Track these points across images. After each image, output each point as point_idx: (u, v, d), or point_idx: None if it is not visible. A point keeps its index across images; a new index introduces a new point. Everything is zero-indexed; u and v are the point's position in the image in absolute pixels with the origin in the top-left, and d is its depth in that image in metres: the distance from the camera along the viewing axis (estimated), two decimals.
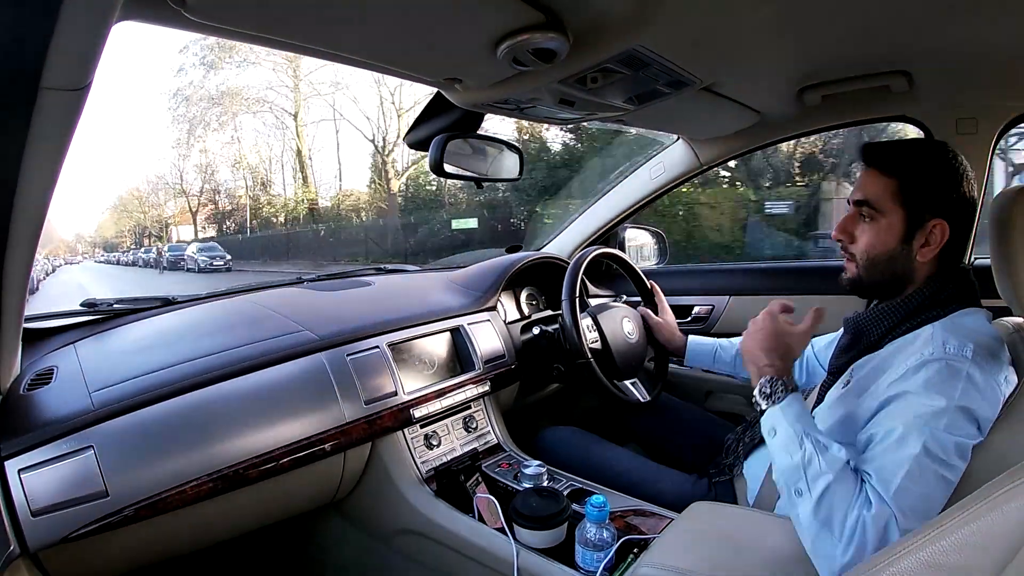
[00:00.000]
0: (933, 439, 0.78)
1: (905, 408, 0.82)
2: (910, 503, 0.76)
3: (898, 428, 0.80)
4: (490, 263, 1.75)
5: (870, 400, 0.88)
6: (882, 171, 0.93)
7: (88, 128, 29.16)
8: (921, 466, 0.77)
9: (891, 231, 0.92)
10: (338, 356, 1.20)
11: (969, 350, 0.82)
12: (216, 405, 1.03)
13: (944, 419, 0.78)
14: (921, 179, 0.91)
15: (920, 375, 0.82)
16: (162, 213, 30.20)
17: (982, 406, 0.80)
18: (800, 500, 0.82)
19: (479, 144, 1.35)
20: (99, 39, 0.53)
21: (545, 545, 1.02)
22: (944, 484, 0.78)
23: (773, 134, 1.68)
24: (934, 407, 0.79)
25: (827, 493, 0.79)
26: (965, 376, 0.80)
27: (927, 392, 0.81)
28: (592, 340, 1.46)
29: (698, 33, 0.93)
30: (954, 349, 0.83)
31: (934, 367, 0.82)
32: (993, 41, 1.03)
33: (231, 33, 0.73)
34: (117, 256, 33.00)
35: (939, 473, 0.77)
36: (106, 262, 33.22)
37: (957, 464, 0.78)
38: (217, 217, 26.96)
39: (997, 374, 0.82)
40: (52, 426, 0.89)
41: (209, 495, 0.97)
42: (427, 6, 0.73)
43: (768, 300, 1.59)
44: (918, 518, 0.76)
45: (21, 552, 0.82)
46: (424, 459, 1.28)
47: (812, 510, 0.80)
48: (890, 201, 0.92)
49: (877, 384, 0.88)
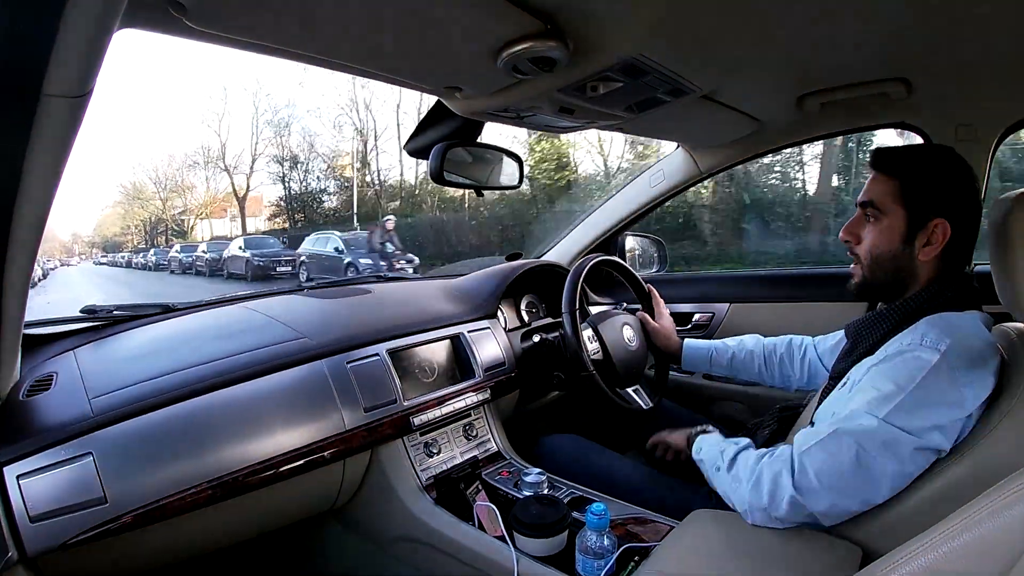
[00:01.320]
0: (865, 423, 0.83)
1: (860, 391, 0.87)
2: (813, 465, 0.85)
3: (846, 410, 0.87)
4: (490, 271, 1.75)
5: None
6: (886, 173, 0.97)
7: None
8: (839, 440, 0.84)
9: (893, 230, 0.95)
10: (338, 363, 1.20)
11: (944, 344, 0.83)
12: (216, 412, 1.03)
13: (888, 406, 0.82)
14: (922, 180, 0.94)
15: (889, 362, 0.87)
16: (186, 201, 24.46)
17: (939, 402, 0.81)
18: (720, 472, 0.99)
19: (479, 152, 1.35)
20: (100, 47, 0.54)
21: (545, 553, 1.02)
22: (866, 469, 0.82)
23: (773, 141, 1.69)
24: (883, 393, 0.83)
25: (735, 458, 0.98)
26: (929, 369, 0.82)
27: (883, 378, 0.85)
28: (594, 351, 1.46)
29: (697, 42, 0.93)
30: (929, 341, 0.85)
31: (905, 356, 0.85)
32: (991, 48, 1.03)
33: (232, 41, 0.73)
34: (127, 257, 27.22)
35: (859, 454, 0.82)
36: (109, 264, 28.41)
37: (886, 457, 0.81)
38: (292, 204, 20.97)
39: (967, 376, 0.82)
40: (51, 432, 0.89)
41: (208, 502, 0.97)
42: (428, 15, 0.74)
43: (768, 307, 1.59)
44: (820, 483, 0.84)
45: (19, 558, 0.82)
46: (424, 467, 1.28)
47: (725, 473, 0.98)
48: (892, 201, 0.95)
49: (862, 372, 0.92)
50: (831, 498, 0.84)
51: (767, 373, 1.42)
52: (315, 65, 0.87)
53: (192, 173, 23.94)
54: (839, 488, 0.83)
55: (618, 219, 1.97)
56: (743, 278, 1.95)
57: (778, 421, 1.20)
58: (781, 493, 0.86)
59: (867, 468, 0.82)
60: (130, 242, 30.32)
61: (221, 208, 23.88)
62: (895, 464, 0.81)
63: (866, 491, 0.84)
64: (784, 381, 1.40)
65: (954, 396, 0.81)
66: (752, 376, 1.45)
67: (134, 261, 25.08)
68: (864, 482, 0.83)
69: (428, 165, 1.24)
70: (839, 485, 0.83)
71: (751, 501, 0.90)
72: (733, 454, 0.99)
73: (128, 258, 26.85)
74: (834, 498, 0.84)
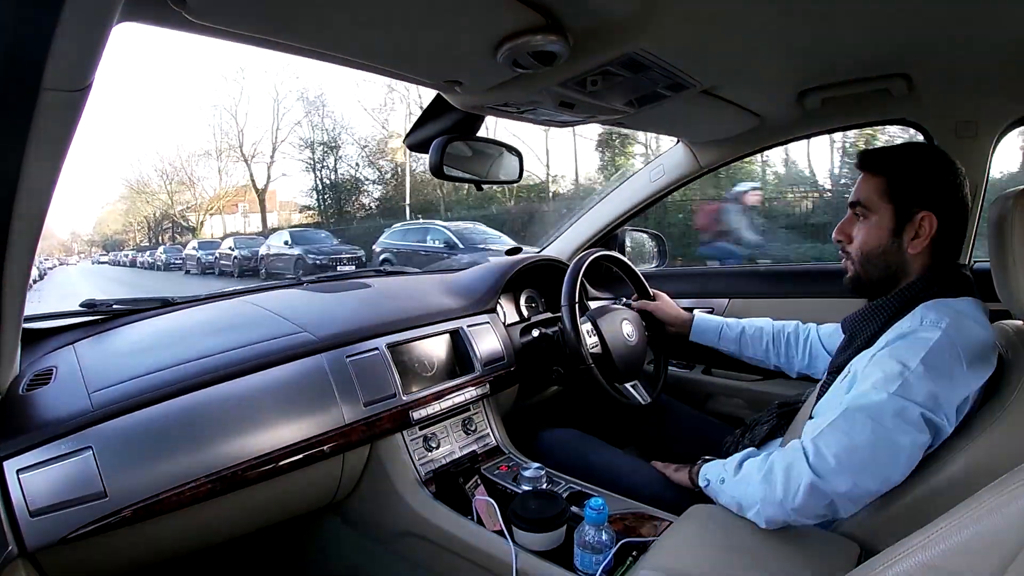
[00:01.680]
0: (875, 399, 0.83)
1: (866, 376, 0.88)
2: (830, 448, 0.84)
3: (853, 395, 0.87)
4: (489, 265, 1.75)
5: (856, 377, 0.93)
6: (872, 172, 1.00)
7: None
8: (853, 418, 0.84)
9: (882, 226, 0.98)
10: (337, 358, 1.20)
11: (945, 322, 0.86)
12: (216, 406, 1.03)
13: (896, 383, 0.83)
14: (907, 175, 0.97)
15: (892, 345, 0.88)
16: (195, 194, 22.50)
17: (943, 376, 0.82)
18: (725, 484, 0.97)
19: (479, 146, 1.35)
20: (100, 40, 0.54)
21: (544, 548, 1.02)
22: (886, 443, 0.82)
23: (773, 137, 1.68)
24: (889, 372, 0.84)
25: (740, 464, 0.97)
26: (932, 345, 0.83)
27: (888, 359, 0.86)
28: (592, 345, 1.46)
29: (698, 36, 0.93)
30: (929, 322, 0.87)
31: (907, 338, 0.87)
32: (992, 45, 1.03)
33: (232, 35, 0.73)
34: (130, 255, 25.77)
35: (876, 429, 0.82)
36: (111, 263, 27.45)
37: (903, 427, 0.81)
38: (325, 195, 19.07)
39: (968, 354, 0.84)
40: (51, 426, 0.89)
41: (208, 496, 0.97)
42: (427, 9, 0.73)
43: (767, 303, 1.60)
44: (839, 463, 0.83)
45: (19, 552, 0.82)
46: (423, 461, 1.28)
47: (731, 480, 0.96)
48: (879, 199, 0.98)
49: (865, 362, 0.93)
50: (852, 478, 0.82)
51: (773, 351, 1.44)
52: (314, 59, 0.86)
53: (203, 164, 21.83)
54: (859, 466, 0.82)
55: (618, 214, 1.97)
56: (743, 273, 1.95)
57: (777, 417, 1.20)
58: (797, 480, 0.84)
59: (884, 442, 0.81)
60: (132, 240, 28.40)
61: (232, 204, 22.11)
62: (911, 434, 0.81)
63: (886, 467, 0.82)
64: (788, 362, 1.42)
65: (958, 371, 0.83)
66: (759, 353, 1.46)
67: (139, 260, 23.34)
68: (883, 457, 0.82)
69: (428, 158, 1.23)
70: (858, 462, 0.82)
71: (764, 495, 0.87)
72: (738, 461, 0.98)
73: (132, 256, 25.24)
74: (855, 477, 0.82)
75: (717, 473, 1.00)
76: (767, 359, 1.45)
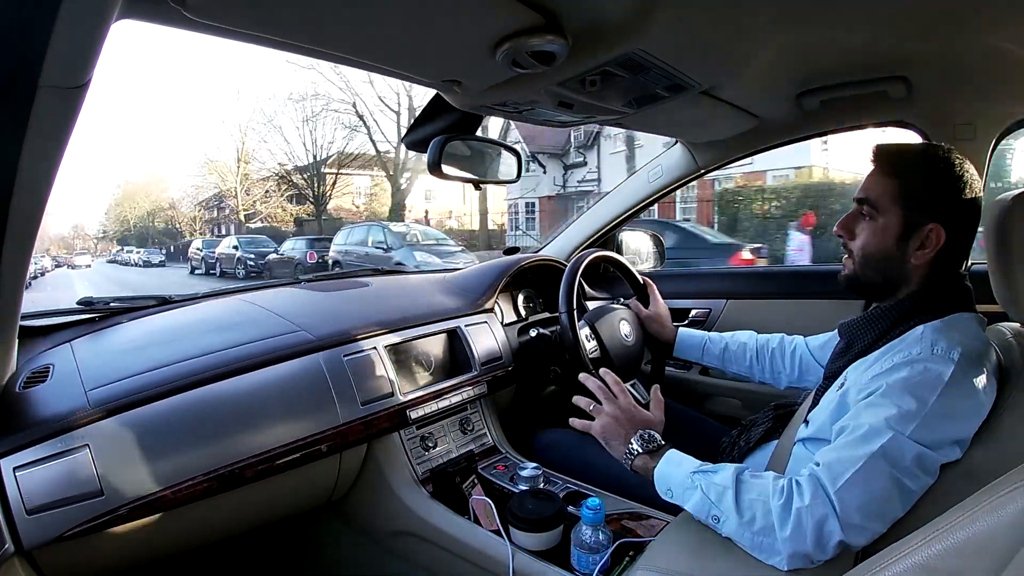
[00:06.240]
0: (894, 443, 0.78)
1: (878, 406, 0.82)
2: (854, 502, 0.77)
3: (865, 426, 0.81)
4: (487, 265, 1.75)
5: (855, 393, 0.88)
6: (885, 172, 0.94)
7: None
8: (874, 468, 0.78)
9: (888, 231, 0.93)
10: (335, 357, 1.20)
11: (957, 353, 0.82)
12: (212, 405, 1.02)
13: (913, 423, 0.78)
14: (921, 182, 0.91)
15: (902, 373, 0.83)
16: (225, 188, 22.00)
17: (960, 414, 0.80)
18: (723, 523, 0.84)
19: (477, 146, 1.35)
20: (98, 37, 0.54)
21: (540, 547, 1.02)
22: (899, 491, 0.78)
23: (771, 138, 1.68)
24: (906, 409, 0.79)
25: (738, 502, 0.83)
26: (947, 380, 0.80)
27: (903, 393, 0.81)
28: (591, 349, 1.45)
29: (697, 38, 0.93)
30: (941, 351, 0.83)
31: (918, 367, 0.82)
32: (991, 47, 1.03)
33: (231, 33, 0.73)
34: (143, 255, 23.93)
35: (894, 477, 0.77)
36: (124, 263, 24.95)
37: (918, 475, 0.78)
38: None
39: (981, 383, 0.81)
40: (47, 424, 0.89)
41: (204, 495, 0.97)
42: (426, 8, 0.73)
43: (765, 303, 1.59)
44: (863, 518, 0.77)
45: (16, 551, 0.82)
46: (420, 460, 1.28)
47: (736, 523, 0.83)
48: (889, 202, 0.92)
49: (865, 380, 0.89)
50: (871, 528, 0.79)
51: (757, 367, 1.41)
52: (313, 57, 0.86)
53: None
54: (876, 515, 0.79)
55: (616, 214, 1.97)
56: (741, 274, 1.95)
57: (773, 419, 1.20)
58: (828, 538, 0.78)
59: (901, 491, 0.78)
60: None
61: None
62: (923, 480, 0.79)
63: (897, 512, 0.79)
64: (774, 377, 1.39)
65: (974, 406, 0.80)
66: (743, 369, 1.43)
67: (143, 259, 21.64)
68: (897, 504, 0.79)
69: (427, 157, 1.23)
70: (876, 512, 0.79)
71: (793, 550, 0.79)
72: (732, 500, 0.84)
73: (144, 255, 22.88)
74: (872, 526, 0.79)
75: (700, 507, 0.87)
76: (751, 374, 1.42)
